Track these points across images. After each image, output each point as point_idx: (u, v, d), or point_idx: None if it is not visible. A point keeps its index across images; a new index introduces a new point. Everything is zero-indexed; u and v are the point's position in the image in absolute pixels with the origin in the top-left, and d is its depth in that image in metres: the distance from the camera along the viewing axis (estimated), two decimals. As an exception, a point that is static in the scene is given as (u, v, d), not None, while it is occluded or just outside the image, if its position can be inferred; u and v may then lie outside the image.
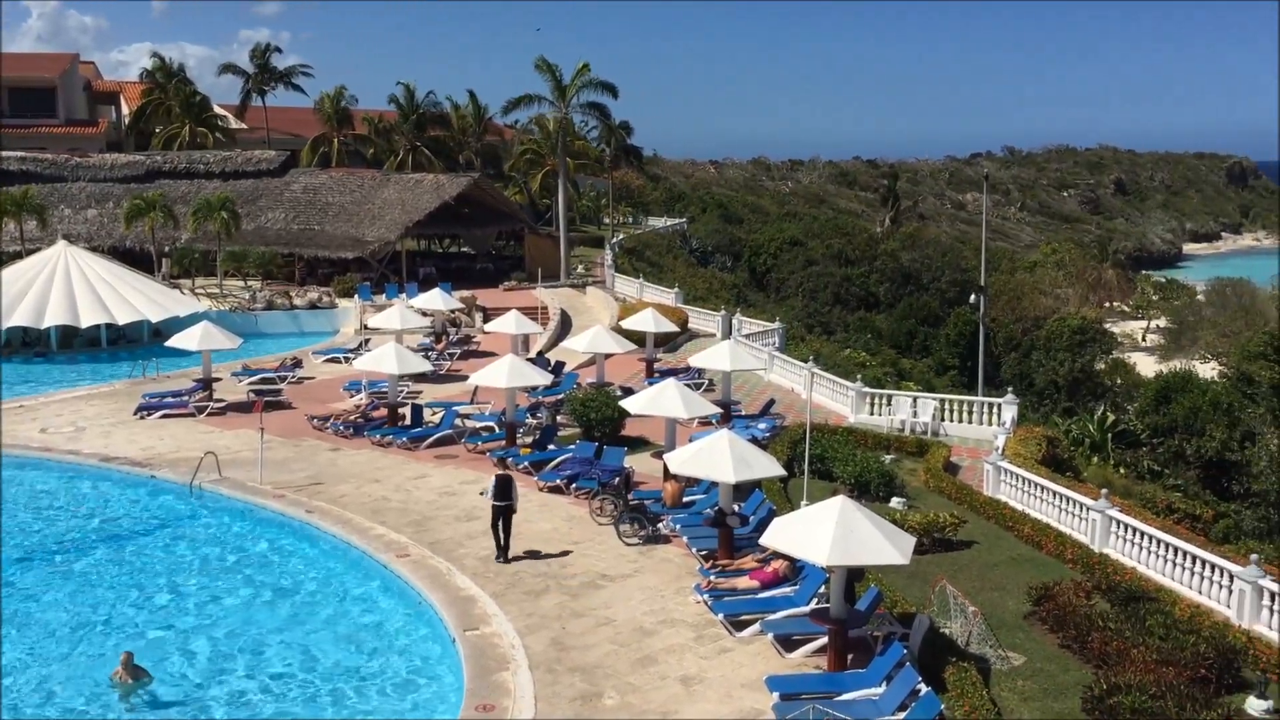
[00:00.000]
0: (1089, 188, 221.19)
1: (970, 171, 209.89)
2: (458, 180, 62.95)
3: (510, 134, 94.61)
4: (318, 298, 52.65)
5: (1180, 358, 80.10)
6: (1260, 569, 18.92)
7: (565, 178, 65.97)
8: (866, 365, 50.35)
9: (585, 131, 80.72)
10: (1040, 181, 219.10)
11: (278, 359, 40.88)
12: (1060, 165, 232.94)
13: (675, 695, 15.92)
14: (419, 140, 79.73)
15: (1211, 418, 43.24)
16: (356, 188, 62.88)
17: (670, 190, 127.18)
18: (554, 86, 62.23)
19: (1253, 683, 16.41)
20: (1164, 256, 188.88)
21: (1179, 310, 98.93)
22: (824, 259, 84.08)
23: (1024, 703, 16.09)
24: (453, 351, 42.85)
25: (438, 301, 45.54)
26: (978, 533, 23.69)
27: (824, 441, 28.15)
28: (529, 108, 64.14)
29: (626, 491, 24.03)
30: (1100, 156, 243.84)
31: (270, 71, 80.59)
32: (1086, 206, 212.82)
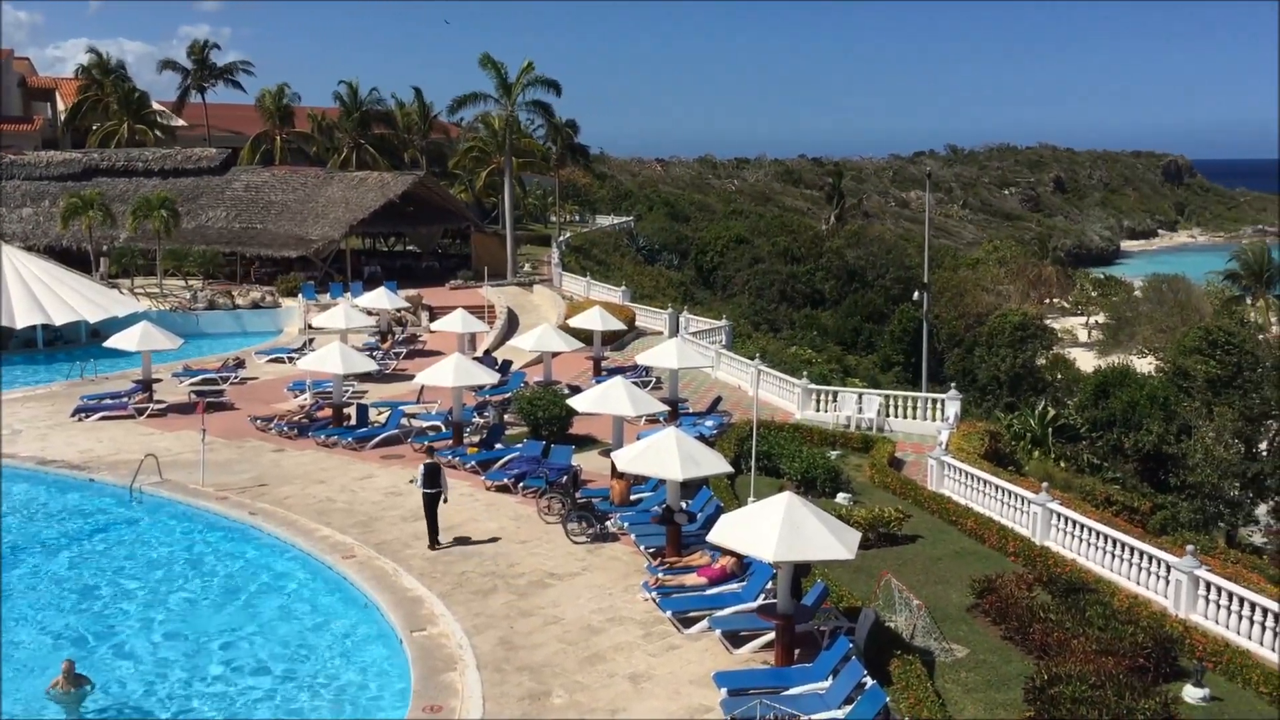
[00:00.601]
0: (1029, 186, 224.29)
1: (913, 170, 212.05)
2: (403, 178, 62.51)
3: (456, 132, 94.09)
4: (261, 297, 52.03)
5: (1118, 353, 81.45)
6: (1196, 559, 19.34)
7: (511, 176, 65.68)
8: (812, 362, 50.73)
9: (531, 129, 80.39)
10: (982, 180, 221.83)
11: (220, 359, 40.36)
12: (1001, 164, 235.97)
13: (623, 693, 15.95)
14: (363, 138, 79.05)
15: (1149, 412, 44.06)
16: (300, 186, 62.23)
17: (617, 188, 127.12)
18: (499, 84, 61.94)
19: (1190, 671, 16.78)
20: (1102, 253, 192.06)
21: (1117, 306, 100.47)
22: (770, 257, 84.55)
23: (967, 694, 16.31)
24: (398, 351, 42.54)
25: (383, 300, 45.21)
26: (922, 527, 23.97)
27: (771, 438, 28.32)
28: (474, 105, 63.81)
29: (574, 490, 24.02)
30: (1040, 155, 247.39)
31: (210, 68, 79.53)
32: (1027, 204, 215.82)
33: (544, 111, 67.73)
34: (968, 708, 15.88)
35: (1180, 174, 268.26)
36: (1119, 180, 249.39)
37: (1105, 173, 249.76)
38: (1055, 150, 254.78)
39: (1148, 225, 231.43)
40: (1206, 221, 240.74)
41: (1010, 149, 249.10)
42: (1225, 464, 41.74)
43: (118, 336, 34.70)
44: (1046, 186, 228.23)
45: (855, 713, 14.34)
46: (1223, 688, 16.63)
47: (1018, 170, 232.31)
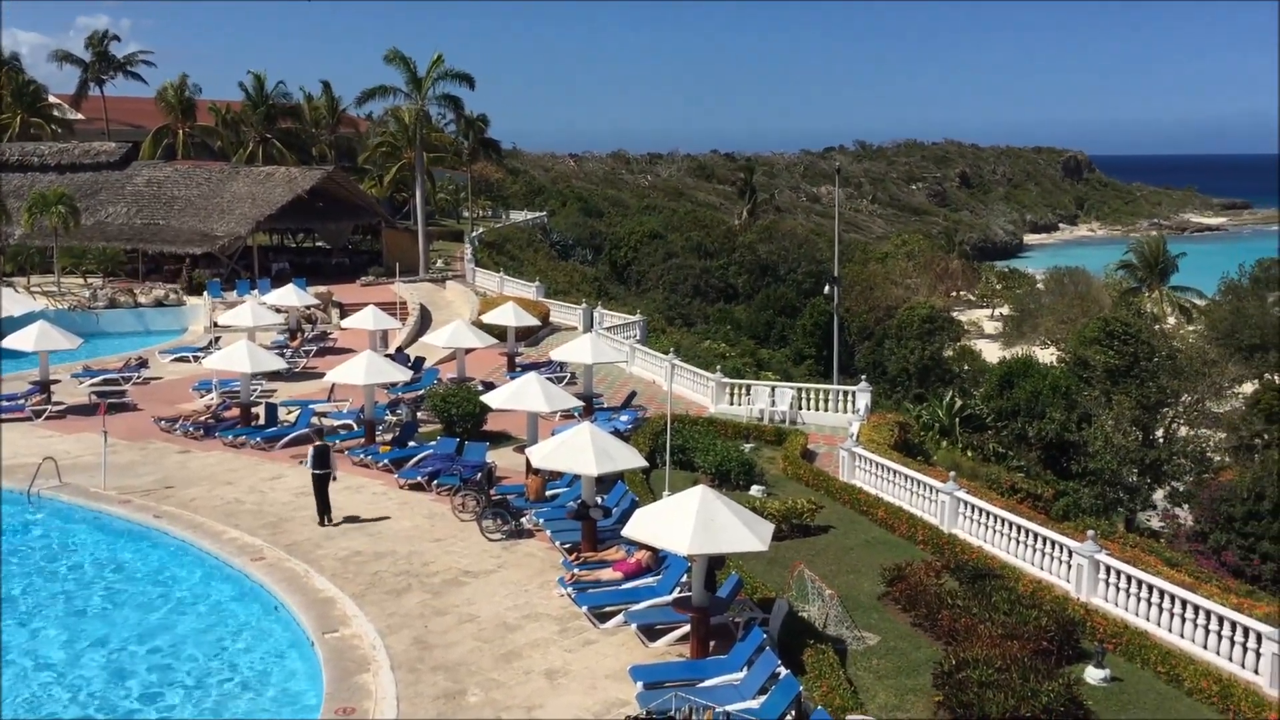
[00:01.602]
0: (936, 181, 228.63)
1: (824, 165, 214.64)
2: (311, 173, 61.51)
3: (365, 126, 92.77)
4: (164, 295, 50.76)
5: (1022, 344, 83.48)
6: (1096, 544, 19.93)
7: (422, 171, 65.02)
8: (726, 356, 51.07)
9: (442, 124, 79.66)
10: (890, 175, 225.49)
11: (121, 359, 39.26)
12: (909, 159, 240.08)
13: (539, 689, 15.92)
14: (269, 132, 77.56)
15: (1051, 401, 45.28)
16: (204, 181, 60.85)
17: (530, 183, 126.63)
18: (409, 78, 61.25)
19: (1091, 653, 17.29)
20: (1006, 247, 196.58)
21: (1020, 298, 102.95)
22: (684, 252, 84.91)
23: (878, 681, 16.60)
24: (308, 348, 41.87)
25: (292, 297, 44.45)
26: (834, 517, 24.31)
27: (685, 432, 28.48)
28: (384, 99, 62.94)
29: (489, 487, 23.93)
30: (946, 151, 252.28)
31: (109, 60, 77.37)
32: (934, 199, 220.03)
33: (455, 106, 67.14)
34: (879, 694, 16.17)
35: (1079, 169, 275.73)
36: (1021, 175, 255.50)
37: (1008, 168, 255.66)
38: (960, 146, 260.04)
39: (1049, 219, 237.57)
40: (1105, 215, 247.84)
41: (917, 145, 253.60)
42: (1124, 451, 43.08)
43: (13, 336, 33.58)
44: (952, 182, 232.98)
45: (769, 702, 14.50)
46: (1122, 668, 17.17)
47: (925, 166, 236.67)
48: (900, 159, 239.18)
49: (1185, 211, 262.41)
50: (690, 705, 14.29)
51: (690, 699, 14.40)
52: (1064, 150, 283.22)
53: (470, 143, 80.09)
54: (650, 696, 14.84)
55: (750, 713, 14.35)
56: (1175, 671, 16.76)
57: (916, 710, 15.70)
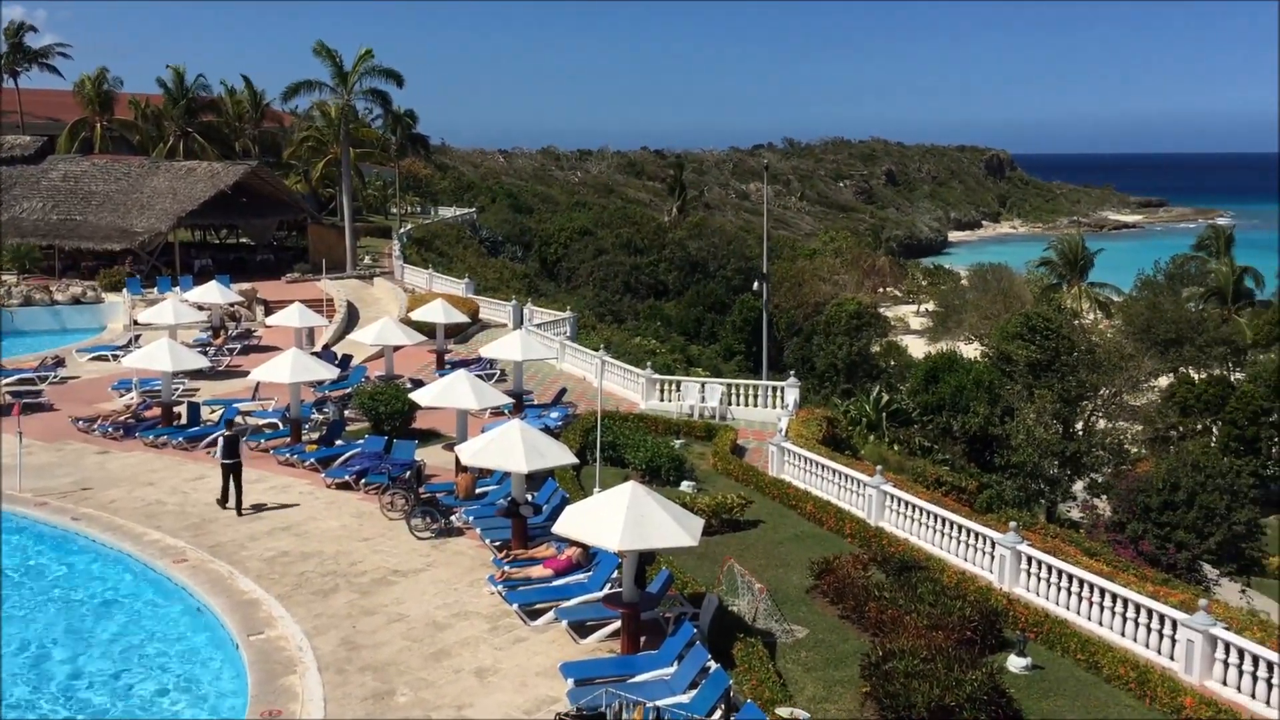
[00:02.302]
0: (863, 178, 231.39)
1: (753, 162, 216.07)
2: (234, 168, 60.40)
3: (290, 121, 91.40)
4: (81, 292, 49.53)
5: (947, 339, 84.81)
6: (1018, 535, 20.32)
7: (349, 166, 64.20)
8: (656, 352, 51.23)
9: (370, 119, 78.72)
10: (818, 172, 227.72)
11: (37, 358, 38.24)
12: (836, 157, 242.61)
13: (469, 688, 15.83)
14: (190, 126, 76.04)
15: (975, 395, 46.06)
16: (123, 176, 59.46)
17: (459, 180, 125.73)
18: (335, 72, 60.45)
19: (1013, 642, 17.65)
20: (931, 244, 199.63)
21: (945, 294, 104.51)
22: (614, 248, 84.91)
23: (807, 673, 16.77)
24: (232, 346, 41.16)
25: (215, 295, 43.67)
26: (764, 512, 24.50)
27: (615, 428, 28.49)
28: (309, 93, 62.03)
29: (418, 485, 23.73)
30: (872, 149, 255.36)
31: (24, 51, 75.20)
32: (861, 196, 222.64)
33: (382, 101, 66.35)
34: (807, 686, 16.34)
35: (1002, 167, 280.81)
36: (946, 173, 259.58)
37: (933, 166, 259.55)
38: (886, 144, 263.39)
39: (973, 216, 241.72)
40: (1026, 213, 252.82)
41: (844, 143, 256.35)
42: (1045, 444, 43.99)
43: (-78, 335, 32.55)
44: (879, 179, 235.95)
45: (700, 697, 14.58)
46: (1043, 656, 17.54)
47: (851, 163, 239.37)
48: (828, 156, 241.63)
49: (1103, 209, 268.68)
50: (621, 701, 14.32)
51: (621, 695, 14.43)
52: (987, 149, 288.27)
53: (398, 138, 79.32)
54: (581, 693, 14.85)
55: (681, 707, 14.41)
56: (1094, 659, 17.16)
57: (844, 701, 15.89)
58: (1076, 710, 15.93)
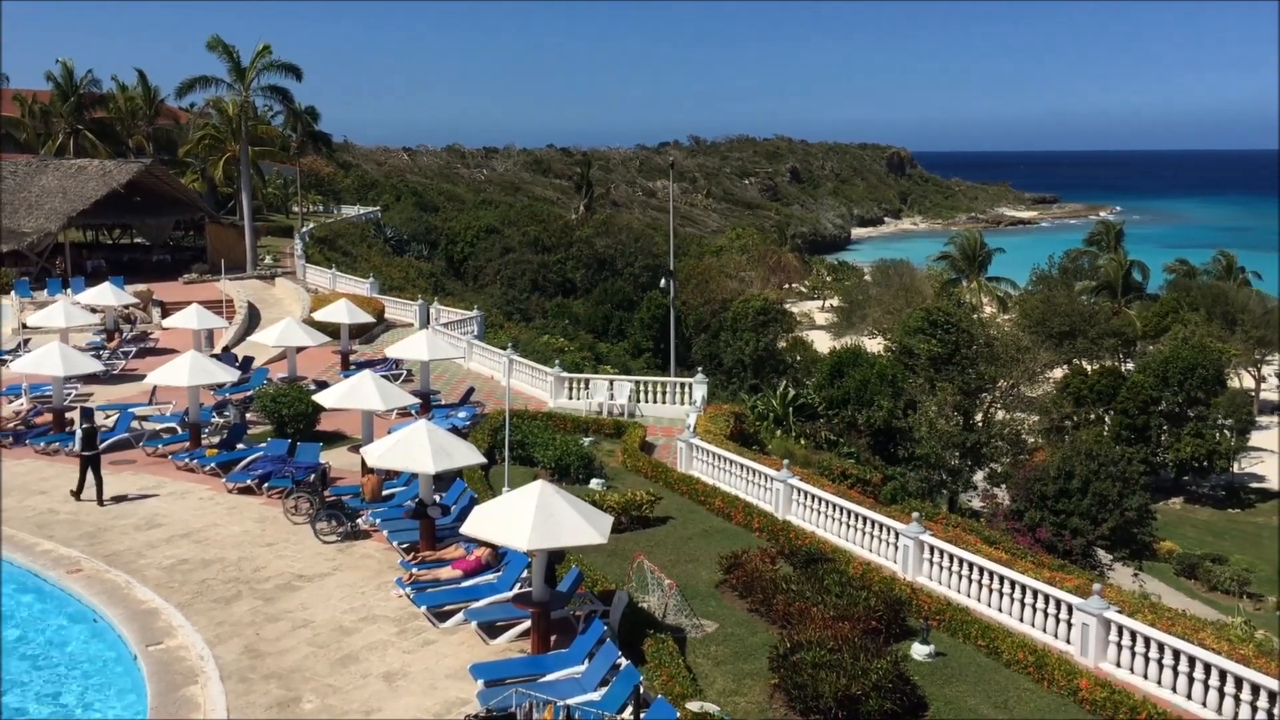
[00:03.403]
0: (768, 176, 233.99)
1: (659, 160, 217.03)
2: (128, 166, 58.75)
3: (186, 118, 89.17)
4: (-34, 295, 47.70)
5: (851, 334, 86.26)
6: (921, 525, 20.76)
7: (248, 164, 62.90)
8: (565, 350, 51.13)
9: (269, 116, 77.26)
10: (724, 170, 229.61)
11: (-81, 364, 36.73)
12: (741, 154, 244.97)
13: (378, 692, 15.63)
14: (81, 123, 73.74)
15: (879, 389, 46.93)
16: (9, 174, 57.43)
17: (363, 178, 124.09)
18: (232, 68, 59.17)
19: (917, 630, 18.01)
20: (835, 240, 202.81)
21: (849, 290, 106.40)
22: (521, 246, 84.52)
23: (717, 667, 16.91)
24: (127, 350, 40.01)
25: (108, 296, 42.43)
26: (673, 508, 24.63)
27: (524, 427, 28.40)
28: (205, 90, 60.61)
29: (322, 488, 23.37)
30: (777, 146, 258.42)
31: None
32: (766, 193, 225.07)
33: (282, 97, 65.21)
34: (717, 680, 16.47)
35: (902, 165, 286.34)
36: (849, 171, 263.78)
37: (836, 163, 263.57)
38: (790, 142, 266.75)
39: (875, 213, 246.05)
40: (926, 210, 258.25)
41: (749, 140, 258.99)
42: (946, 435, 45.00)
43: None
44: (783, 177, 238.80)
45: (610, 694, 14.60)
46: (946, 643, 17.94)
47: (757, 161, 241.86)
48: (733, 154, 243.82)
49: (1000, 205, 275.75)
50: (531, 701, 14.27)
51: (531, 694, 14.38)
52: (888, 147, 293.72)
53: (299, 135, 77.96)
54: (491, 694, 14.76)
55: (591, 705, 14.42)
56: (994, 644, 17.60)
57: (754, 694, 16.05)
58: (978, 695, 16.33)
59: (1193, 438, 62.89)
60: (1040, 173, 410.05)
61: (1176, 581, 48.08)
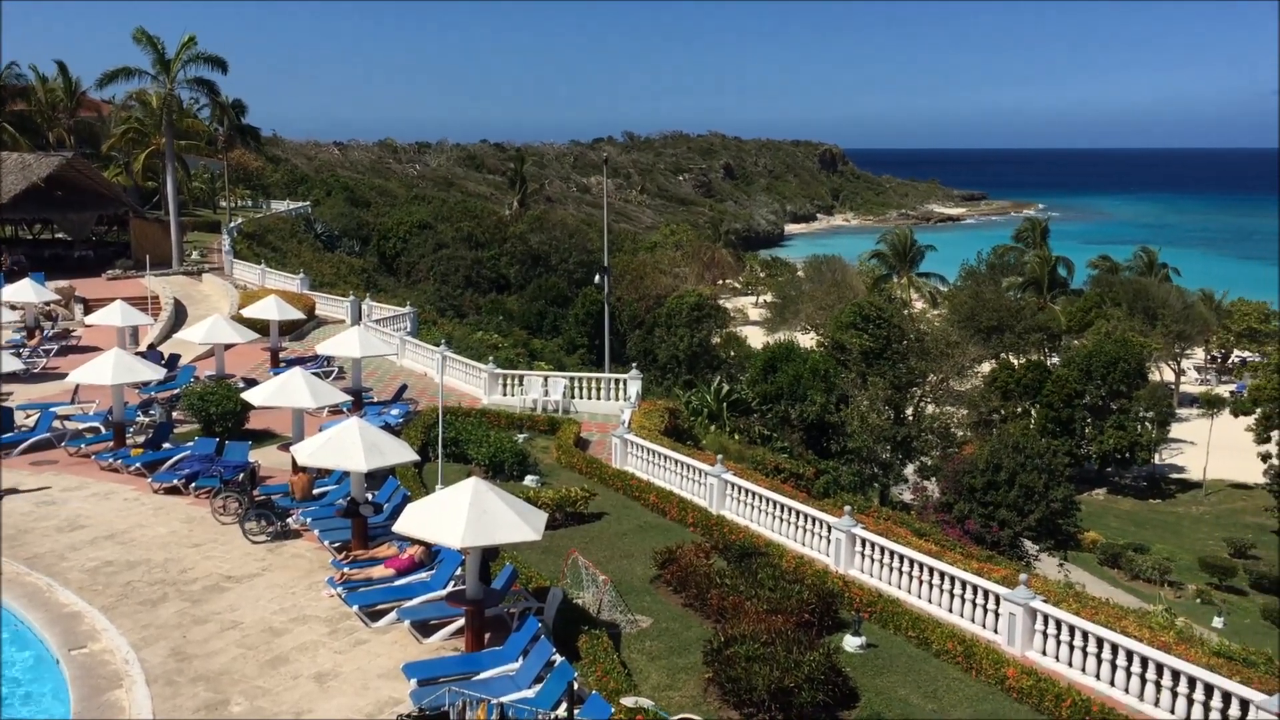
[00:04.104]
0: (702, 172, 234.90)
1: (593, 155, 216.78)
2: (48, 160, 57.35)
3: (109, 110, 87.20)
4: (-122, 292, 46.20)
5: (784, 330, 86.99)
6: (853, 519, 20.99)
7: (173, 158, 61.62)
8: (499, 347, 50.91)
9: (195, 109, 75.77)
10: (658, 166, 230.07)
11: None
12: (675, 151, 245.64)
13: (309, 694, 15.44)
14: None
15: (812, 384, 47.36)
16: (-77, 167, 55.71)
17: (292, 172, 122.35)
18: (156, 59, 57.88)
19: (849, 622, 18.22)
20: (769, 236, 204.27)
21: (782, 286, 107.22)
22: (454, 242, 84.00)
23: (651, 662, 16.96)
24: (48, 347, 39.06)
25: (28, 293, 41.38)
26: (607, 504, 24.64)
27: (458, 424, 28.24)
28: (129, 82, 59.26)
29: (251, 487, 23.04)
30: (710, 143, 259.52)
31: None
32: (700, 190, 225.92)
33: (208, 90, 63.93)
34: (652, 675, 16.52)
35: (834, 162, 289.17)
36: (781, 167, 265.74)
37: (769, 160, 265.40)
38: (724, 138, 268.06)
39: (808, 209, 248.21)
40: (858, 206, 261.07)
41: (683, 137, 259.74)
42: (878, 430, 45.58)
43: None
44: (717, 173, 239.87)
45: (545, 691, 14.57)
46: (877, 635, 18.18)
47: (690, 157, 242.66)
48: (667, 150, 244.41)
49: (930, 202, 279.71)
50: (465, 699, 14.20)
51: (465, 693, 14.30)
52: (820, 144, 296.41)
53: (226, 129, 76.62)
54: (424, 693, 14.65)
55: (526, 702, 14.38)
56: (924, 635, 17.87)
57: (688, 688, 16.13)
58: (908, 685, 16.56)
59: (1115, 430, 64.39)
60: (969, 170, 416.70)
61: (1100, 571, 49.21)
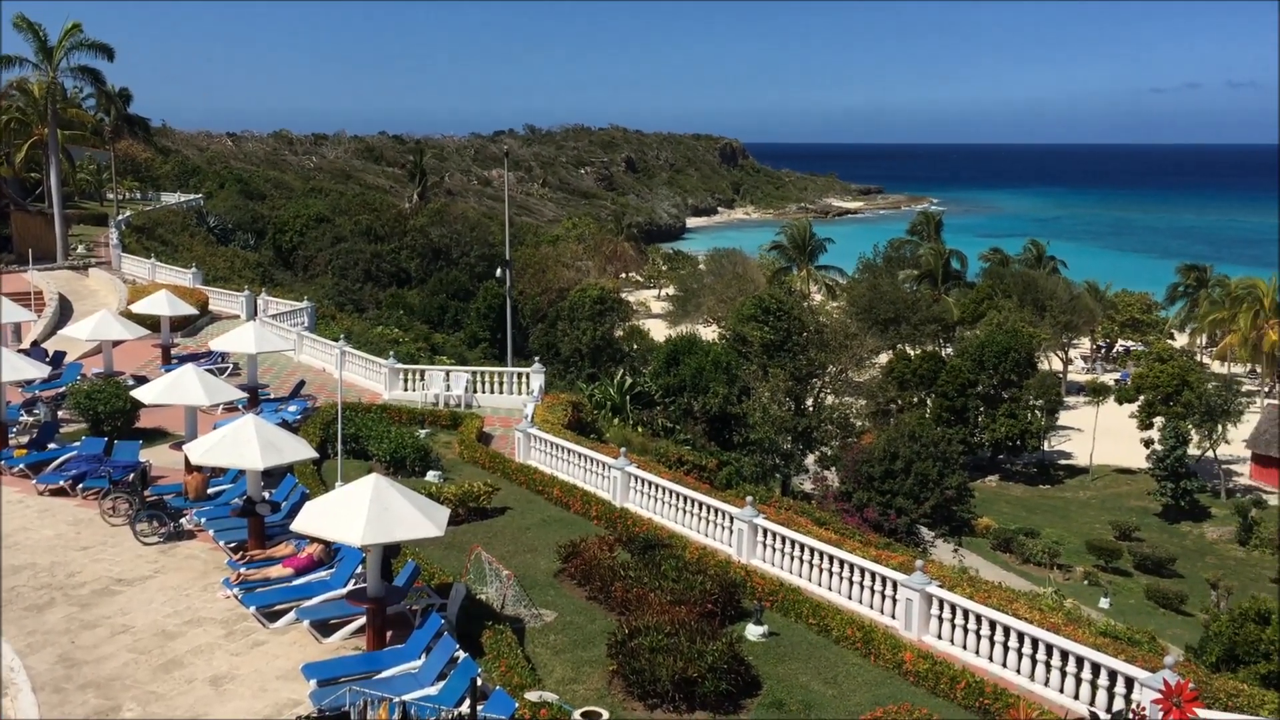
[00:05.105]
0: (603, 165, 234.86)
1: (494, 148, 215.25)
2: (-79, 149, 54.88)
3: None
4: None
5: (687, 322, 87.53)
6: (755, 509, 21.23)
7: (56, 149, 59.49)
8: (400, 342, 50.27)
9: (81, 98, 73.32)
10: (560, 159, 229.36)
11: None
12: (577, 144, 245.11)
13: (204, 697, 15.10)
14: None
15: (714, 376, 47.76)
16: None
17: (183, 164, 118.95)
18: (39, 47, 55.81)
19: (751, 611, 18.43)
20: (671, 229, 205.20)
21: (684, 279, 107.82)
22: (353, 236, 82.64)
23: (555, 655, 16.95)
24: (-76, 345, 37.45)
25: (-99, 288, 39.60)
26: (511, 499, 24.55)
27: (358, 420, 27.83)
28: (9, 70, 57.01)
29: (143, 488, 22.42)
30: (612, 136, 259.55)
31: None
32: (602, 183, 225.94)
33: (93, 78, 61.85)
34: (556, 669, 16.51)
35: (735, 156, 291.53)
36: (683, 161, 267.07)
37: (670, 154, 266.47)
38: (626, 132, 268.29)
39: (709, 203, 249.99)
40: (758, 200, 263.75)
41: (585, 130, 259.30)
42: (779, 421, 46.17)
43: None
44: (619, 166, 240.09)
45: (448, 687, 14.46)
46: (779, 623, 18.43)
47: (592, 150, 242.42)
48: (569, 144, 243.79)
49: (828, 196, 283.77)
50: (366, 699, 14.01)
51: (366, 692, 14.12)
52: (720, 137, 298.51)
53: (112, 119, 74.26)
54: (324, 694, 14.44)
55: (429, 700, 14.25)
56: (825, 622, 18.17)
57: (592, 681, 16.16)
58: (809, 672, 16.83)
59: (1007, 418, 66.24)
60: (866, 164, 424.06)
61: (993, 555, 50.62)
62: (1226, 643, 27.06)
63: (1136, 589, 49.46)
